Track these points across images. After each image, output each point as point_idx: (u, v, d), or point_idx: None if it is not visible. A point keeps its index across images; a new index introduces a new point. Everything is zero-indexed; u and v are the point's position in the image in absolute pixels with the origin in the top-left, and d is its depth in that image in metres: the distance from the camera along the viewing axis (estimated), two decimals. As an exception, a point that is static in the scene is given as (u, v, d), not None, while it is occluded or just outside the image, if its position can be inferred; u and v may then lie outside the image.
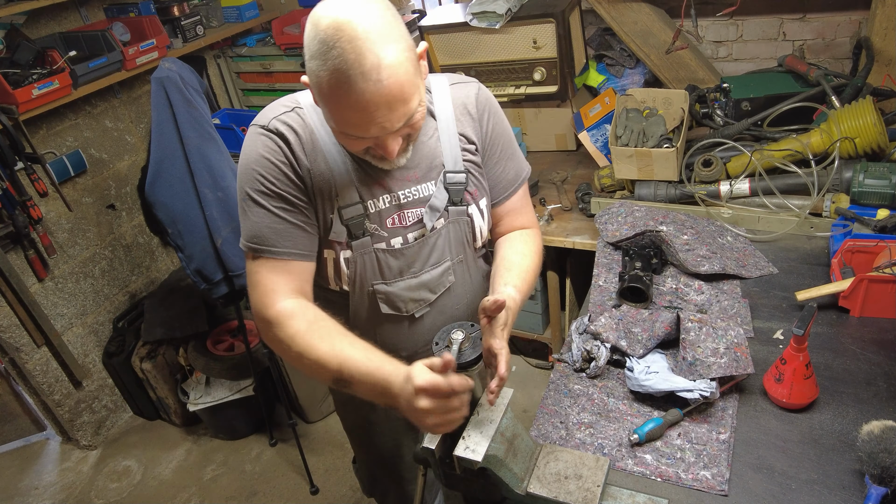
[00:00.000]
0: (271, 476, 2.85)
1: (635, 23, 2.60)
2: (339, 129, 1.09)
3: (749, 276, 1.72)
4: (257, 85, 3.61)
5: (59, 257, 2.94)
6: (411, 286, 1.31)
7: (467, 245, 1.36)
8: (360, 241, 1.24)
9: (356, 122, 1.03)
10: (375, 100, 0.99)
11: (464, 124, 1.30)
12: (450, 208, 1.29)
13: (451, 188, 1.27)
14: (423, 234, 1.28)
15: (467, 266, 1.38)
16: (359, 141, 1.10)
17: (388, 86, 0.99)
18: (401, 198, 1.25)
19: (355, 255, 1.25)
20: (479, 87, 1.33)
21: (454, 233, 1.32)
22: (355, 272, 1.27)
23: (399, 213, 1.26)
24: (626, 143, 2.09)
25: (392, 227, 1.26)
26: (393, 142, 1.09)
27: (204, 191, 2.23)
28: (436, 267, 1.32)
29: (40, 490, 3.02)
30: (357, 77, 0.97)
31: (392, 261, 1.28)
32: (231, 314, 3.16)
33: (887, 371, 1.38)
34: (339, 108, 1.03)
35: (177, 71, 2.16)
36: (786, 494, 1.17)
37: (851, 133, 1.86)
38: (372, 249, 1.26)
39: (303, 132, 1.19)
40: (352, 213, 1.22)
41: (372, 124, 1.03)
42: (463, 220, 1.32)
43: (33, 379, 2.92)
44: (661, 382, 1.35)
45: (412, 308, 1.34)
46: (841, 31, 2.55)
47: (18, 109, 2.45)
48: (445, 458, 1.12)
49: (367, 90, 0.98)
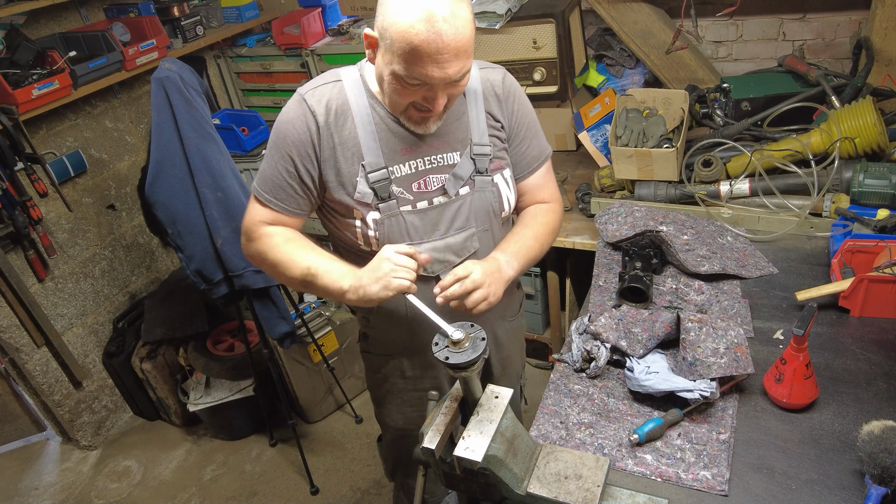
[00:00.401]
0: (271, 476, 2.85)
1: (635, 23, 2.60)
2: (405, 73, 1.17)
3: (749, 276, 1.72)
4: (257, 85, 3.61)
5: (59, 257, 2.94)
6: (437, 248, 1.39)
7: (493, 215, 1.44)
8: (387, 204, 1.34)
9: (426, 63, 1.14)
10: (451, 44, 1.13)
11: (490, 104, 1.42)
12: (475, 178, 1.39)
13: (477, 159, 1.39)
14: (447, 199, 1.38)
15: (493, 235, 1.46)
16: (413, 90, 1.20)
17: (463, 35, 1.15)
18: (425, 163, 1.36)
19: (383, 217, 1.35)
20: (504, 73, 1.47)
21: (479, 201, 1.41)
22: (383, 234, 1.36)
23: (424, 178, 1.36)
24: (626, 143, 2.09)
25: (418, 191, 1.36)
26: (442, 95, 1.21)
27: (204, 191, 2.23)
28: (460, 232, 1.40)
29: (40, 490, 3.02)
30: (440, 20, 1.11)
31: (417, 222, 1.37)
32: (231, 314, 3.16)
33: (887, 371, 1.38)
34: (414, 49, 1.13)
35: (177, 71, 2.16)
36: (786, 494, 1.17)
37: (851, 133, 1.86)
38: (398, 211, 1.35)
39: (335, 104, 1.32)
40: (377, 176, 1.32)
41: (439, 68, 1.15)
42: (489, 190, 1.41)
43: (33, 379, 2.92)
44: (661, 382, 1.35)
45: (437, 269, 1.40)
46: (841, 31, 2.55)
47: (18, 110, 2.46)
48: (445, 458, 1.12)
49: (446, 32, 1.12)
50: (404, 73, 1.17)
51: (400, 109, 1.29)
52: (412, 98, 1.23)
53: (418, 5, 1.12)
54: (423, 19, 1.11)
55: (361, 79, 1.34)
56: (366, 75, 1.35)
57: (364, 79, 1.34)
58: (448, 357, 1.07)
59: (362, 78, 1.34)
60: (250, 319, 2.83)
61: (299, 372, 2.90)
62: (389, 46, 1.17)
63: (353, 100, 1.32)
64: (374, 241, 1.37)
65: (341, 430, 3.02)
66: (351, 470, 2.80)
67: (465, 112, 1.39)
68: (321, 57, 3.29)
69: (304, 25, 3.22)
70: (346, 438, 2.96)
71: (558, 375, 1.54)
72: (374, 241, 1.37)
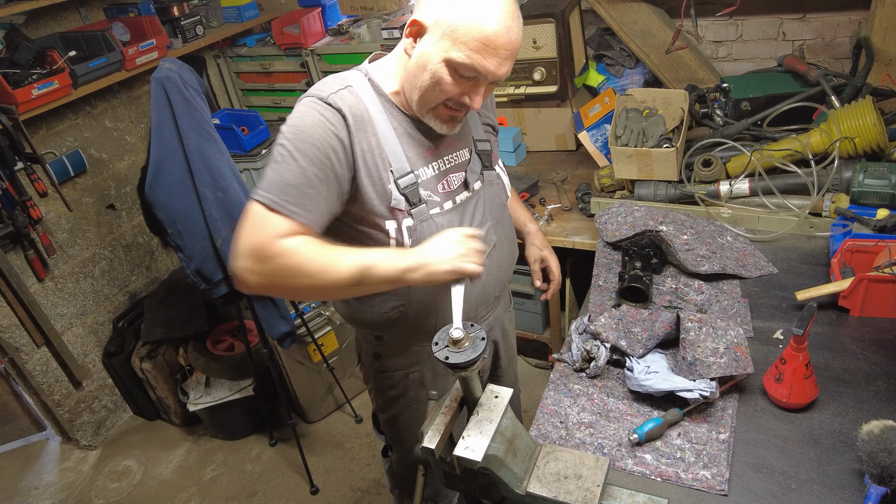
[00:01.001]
0: (271, 476, 2.85)
1: (635, 23, 2.60)
2: (466, 61, 1.17)
3: (749, 275, 1.72)
4: (257, 85, 3.61)
5: (59, 257, 2.94)
6: None
7: (502, 207, 1.50)
8: (419, 209, 1.32)
9: (486, 56, 1.16)
10: (514, 42, 1.19)
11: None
12: (483, 172, 1.43)
13: (482, 154, 1.44)
14: (469, 193, 1.40)
15: (504, 228, 1.51)
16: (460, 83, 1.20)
17: (520, 38, 1.20)
18: (446, 163, 1.37)
19: (416, 223, 1.33)
20: None
21: (490, 195, 1.45)
22: (416, 240, 1.32)
23: (447, 178, 1.38)
24: (626, 143, 2.09)
25: (443, 192, 1.37)
26: (484, 92, 1.24)
27: (204, 191, 2.23)
28: (482, 227, 1.42)
29: (40, 490, 3.02)
30: (511, 17, 1.17)
31: (446, 223, 1.36)
32: (231, 314, 3.16)
33: (887, 371, 1.38)
34: (479, 41, 1.15)
35: (176, 71, 2.16)
36: (786, 494, 1.17)
37: (851, 133, 1.86)
38: (429, 216, 1.34)
39: (356, 109, 1.25)
40: (406, 181, 1.30)
41: (496, 63, 1.18)
42: (496, 182, 1.46)
43: (33, 379, 2.92)
44: (660, 382, 1.35)
45: None
46: (841, 31, 2.55)
47: (18, 109, 2.45)
48: (445, 458, 1.12)
49: (513, 30, 1.17)
50: (466, 61, 1.16)
51: (429, 107, 1.25)
52: (452, 93, 1.21)
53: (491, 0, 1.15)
54: (496, 13, 1.14)
55: (371, 82, 1.30)
56: (375, 78, 1.30)
57: (374, 82, 1.30)
58: (448, 357, 1.07)
59: (371, 82, 1.30)
60: (250, 319, 2.83)
61: (299, 372, 2.90)
62: (450, 34, 1.16)
63: (369, 104, 1.27)
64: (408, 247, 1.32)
65: (341, 429, 3.02)
66: (351, 470, 2.80)
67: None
68: (321, 57, 3.29)
69: (304, 25, 3.22)
70: (346, 438, 2.96)
71: (558, 375, 1.54)
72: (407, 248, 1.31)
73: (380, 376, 1.58)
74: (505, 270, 1.55)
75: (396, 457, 1.76)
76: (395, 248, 1.29)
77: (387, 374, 1.56)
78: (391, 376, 1.56)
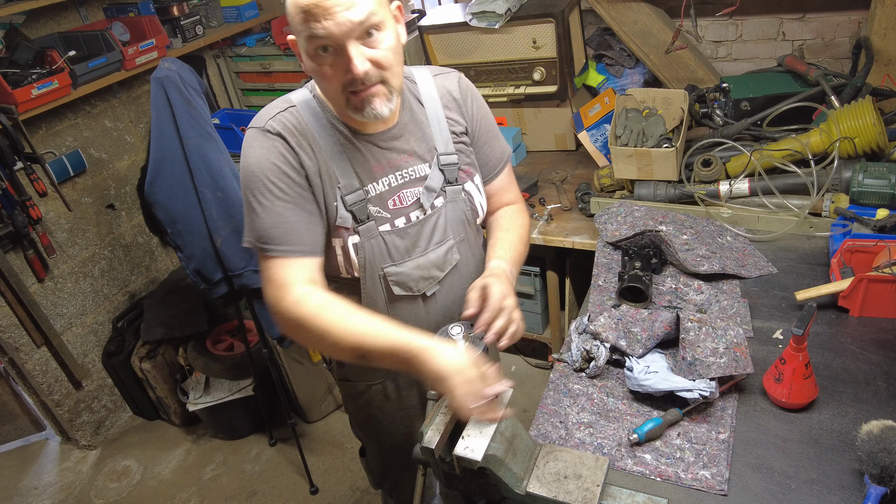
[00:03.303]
0: (271, 476, 2.85)
1: (635, 23, 2.60)
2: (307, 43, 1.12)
3: (748, 275, 1.72)
4: (257, 85, 3.61)
5: (59, 257, 2.94)
6: (420, 265, 1.35)
7: (468, 224, 1.42)
8: (366, 226, 1.28)
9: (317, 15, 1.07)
10: None
11: (450, 109, 1.38)
12: (446, 188, 1.35)
13: (446, 169, 1.34)
14: (425, 213, 1.34)
15: (469, 245, 1.44)
16: (330, 63, 1.13)
17: None
18: (398, 178, 1.31)
19: (363, 241, 1.29)
20: (459, 76, 1.43)
21: (453, 212, 1.37)
22: (364, 257, 1.30)
23: (399, 194, 1.31)
24: (626, 143, 2.09)
25: (394, 209, 1.31)
26: (357, 55, 1.11)
27: (203, 191, 2.23)
28: (440, 245, 1.37)
29: (40, 490, 3.02)
30: None
31: (398, 241, 1.32)
32: (231, 314, 3.16)
33: (887, 371, 1.38)
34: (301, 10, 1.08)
35: (176, 71, 2.16)
36: (785, 494, 1.17)
37: (851, 133, 1.86)
38: (378, 233, 1.30)
39: (298, 129, 1.24)
40: (354, 198, 1.26)
41: (330, 16, 1.07)
42: (461, 199, 1.38)
43: (33, 379, 2.92)
44: (660, 382, 1.35)
45: (423, 287, 1.38)
46: (840, 30, 2.55)
47: (18, 109, 2.45)
48: (445, 458, 1.12)
49: None
50: (306, 43, 1.12)
51: (342, 102, 1.19)
52: (338, 77, 1.14)
53: None
54: None
55: (316, 99, 1.28)
56: (319, 94, 1.28)
57: (320, 98, 1.28)
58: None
59: (316, 98, 1.28)
60: (250, 319, 2.83)
61: (299, 371, 2.90)
62: (294, 27, 1.13)
63: (312, 122, 1.25)
64: (355, 266, 1.32)
65: (341, 429, 3.02)
66: (350, 469, 2.80)
67: (425, 121, 1.34)
68: (321, 56, 3.29)
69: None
70: (346, 438, 2.96)
71: (558, 375, 1.54)
72: (356, 267, 1.32)
73: (345, 385, 1.58)
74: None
75: (371, 456, 1.78)
76: (406, 338, 1.14)
77: (351, 384, 1.56)
78: (355, 386, 1.56)
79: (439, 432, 1.09)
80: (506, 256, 1.35)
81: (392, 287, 1.35)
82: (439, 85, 1.38)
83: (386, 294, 1.36)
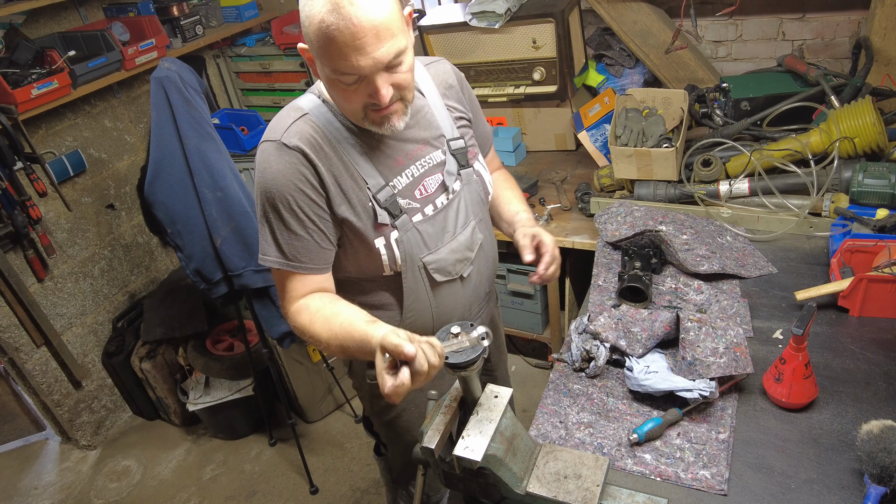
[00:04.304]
0: (271, 476, 2.85)
1: (635, 23, 2.60)
2: (333, 73, 1.12)
3: (748, 275, 1.72)
4: (257, 85, 3.61)
5: (59, 257, 2.94)
6: (454, 249, 1.39)
7: (482, 204, 1.47)
8: (402, 220, 1.31)
9: (348, 53, 1.07)
10: (364, 25, 1.05)
11: (449, 96, 1.42)
12: (461, 172, 1.40)
13: (457, 153, 1.39)
14: (448, 197, 1.38)
15: (486, 223, 1.50)
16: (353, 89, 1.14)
17: (378, 12, 1.06)
18: (419, 168, 1.34)
19: (401, 234, 1.32)
20: (448, 63, 1.48)
21: (470, 193, 1.42)
22: (405, 251, 1.33)
23: (423, 183, 1.34)
24: (626, 142, 2.09)
25: (422, 198, 1.34)
26: (383, 84, 1.12)
27: (203, 190, 2.23)
28: (465, 227, 1.41)
29: (39, 490, 3.02)
30: (345, 3, 1.04)
31: (430, 229, 1.35)
32: (231, 314, 3.16)
33: (886, 371, 1.38)
34: (331, 42, 1.07)
35: (176, 71, 2.16)
36: (785, 494, 1.17)
37: (851, 133, 1.86)
38: (412, 225, 1.33)
39: (316, 139, 1.24)
40: (385, 195, 1.29)
41: (363, 54, 1.08)
42: (474, 180, 1.43)
43: (33, 379, 2.92)
44: (660, 382, 1.35)
45: (460, 269, 1.42)
46: (840, 30, 2.55)
47: (18, 109, 2.45)
48: (445, 458, 1.12)
49: (354, 15, 1.05)
50: (332, 73, 1.12)
51: (359, 117, 1.21)
52: (359, 99, 1.16)
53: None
54: (329, 9, 1.05)
55: (326, 104, 1.28)
56: (329, 99, 1.28)
57: (329, 103, 1.28)
58: (448, 357, 1.07)
59: (326, 103, 1.28)
60: (250, 319, 2.83)
61: (299, 371, 2.90)
62: (315, 51, 1.12)
63: (327, 127, 1.26)
64: (398, 261, 1.33)
65: (341, 429, 3.02)
66: (350, 469, 2.80)
67: (429, 110, 1.37)
68: (321, 56, 3.29)
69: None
70: (346, 438, 2.96)
71: (558, 375, 1.54)
72: (397, 262, 1.33)
73: (373, 385, 1.56)
74: (491, 266, 1.56)
75: (393, 455, 1.77)
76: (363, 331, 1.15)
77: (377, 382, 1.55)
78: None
79: (439, 432, 1.09)
80: (524, 207, 1.53)
81: (433, 275, 1.38)
82: (434, 74, 1.42)
83: (428, 282, 1.39)
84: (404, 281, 1.36)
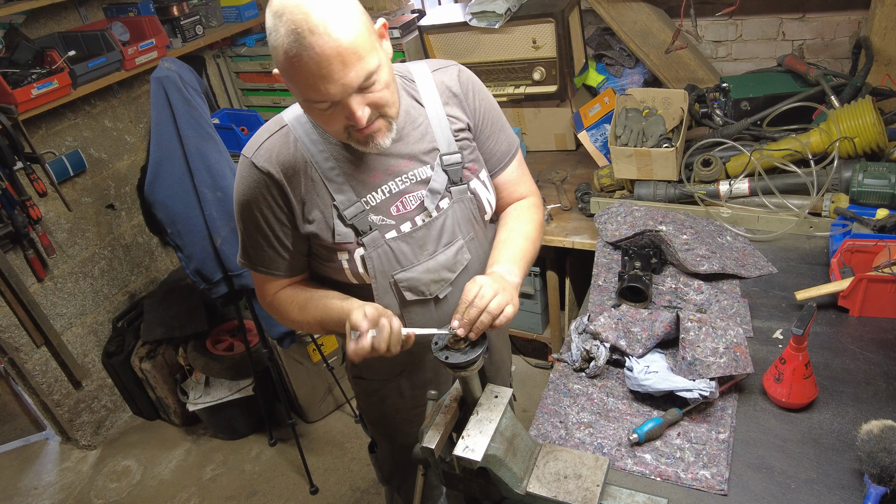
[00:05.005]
0: (271, 476, 2.85)
1: (635, 22, 2.60)
2: (305, 101, 1.12)
3: (748, 275, 1.72)
4: (257, 85, 3.61)
5: (59, 257, 2.94)
6: (430, 268, 1.34)
7: (476, 222, 1.40)
8: (370, 237, 1.27)
9: (315, 82, 1.05)
10: (328, 52, 1.02)
11: (451, 106, 1.34)
12: (451, 189, 1.33)
13: (450, 170, 1.32)
14: (431, 215, 1.32)
15: (479, 243, 1.42)
16: (329, 113, 1.11)
17: (339, 38, 1.02)
18: (398, 184, 1.29)
19: (369, 251, 1.28)
20: (459, 68, 1.39)
21: (461, 212, 1.35)
22: (374, 267, 1.30)
23: (402, 200, 1.29)
24: (626, 142, 2.09)
25: (398, 214, 1.29)
26: (358, 106, 1.09)
27: (203, 190, 2.23)
28: (449, 247, 1.35)
29: (40, 490, 3.02)
30: (306, 33, 1.01)
31: (405, 246, 1.31)
32: (231, 314, 3.16)
33: (886, 371, 1.38)
34: (298, 72, 1.05)
35: (176, 71, 2.16)
36: (785, 494, 1.17)
37: (851, 133, 1.86)
38: (384, 241, 1.29)
39: (286, 157, 1.24)
40: (353, 211, 1.25)
41: (330, 82, 1.05)
42: (467, 198, 1.35)
43: (32, 379, 2.92)
44: (660, 382, 1.35)
45: (434, 290, 1.36)
46: (840, 30, 2.55)
47: (18, 109, 2.45)
48: (445, 458, 1.12)
49: (317, 44, 1.01)
50: (303, 99, 1.11)
51: (343, 137, 1.18)
52: (338, 122, 1.13)
53: (284, 21, 1.01)
54: (291, 39, 1.01)
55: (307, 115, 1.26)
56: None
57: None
58: (448, 357, 1.07)
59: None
60: (249, 319, 2.83)
61: (299, 371, 2.90)
62: (285, 80, 1.10)
63: (304, 142, 1.24)
64: (363, 276, 1.32)
65: (341, 429, 3.02)
66: (350, 469, 2.80)
67: (425, 122, 1.31)
68: (321, 56, 3.28)
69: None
70: (346, 438, 2.96)
71: (558, 375, 1.54)
72: (365, 276, 1.32)
73: (359, 382, 1.58)
74: None
75: (382, 453, 1.77)
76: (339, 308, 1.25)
77: (365, 381, 1.56)
78: (369, 383, 1.55)
79: (439, 432, 1.09)
80: (504, 258, 1.31)
81: (404, 292, 1.34)
82: (438, 81, 1.34)
83: (398, 299, 1.35)
84: (375, 294, 1.33)
